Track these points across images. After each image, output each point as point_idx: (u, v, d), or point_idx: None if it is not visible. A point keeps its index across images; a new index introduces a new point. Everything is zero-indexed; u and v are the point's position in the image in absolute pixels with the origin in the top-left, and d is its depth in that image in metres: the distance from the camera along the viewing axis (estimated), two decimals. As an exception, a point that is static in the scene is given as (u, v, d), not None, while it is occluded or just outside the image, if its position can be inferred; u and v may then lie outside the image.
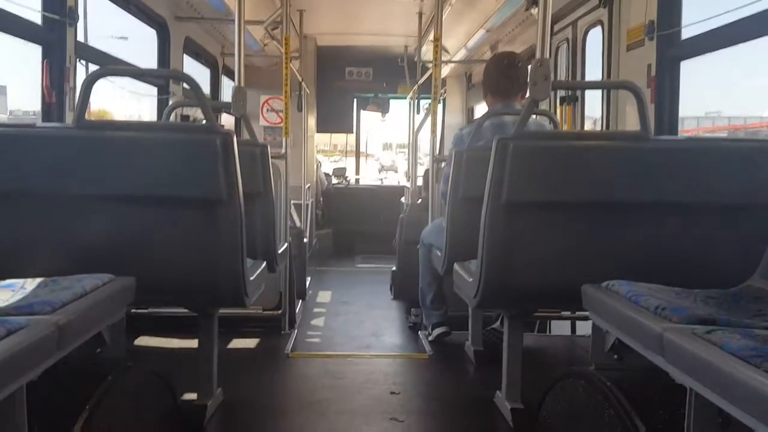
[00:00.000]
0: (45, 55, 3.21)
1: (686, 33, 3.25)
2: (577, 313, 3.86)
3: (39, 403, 1.49)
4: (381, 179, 12.53)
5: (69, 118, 3.22)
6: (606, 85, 3.91)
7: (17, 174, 2.17)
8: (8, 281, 1.87)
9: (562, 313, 3.95)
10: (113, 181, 2.21)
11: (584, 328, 4.04)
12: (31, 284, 1.84)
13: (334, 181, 10.07)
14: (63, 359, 1.53)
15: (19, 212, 2.23)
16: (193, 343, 2.63)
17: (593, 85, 4.25)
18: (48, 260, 2.17)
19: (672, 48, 3.28)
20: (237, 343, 3.72)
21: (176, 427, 2.29)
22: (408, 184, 7.57)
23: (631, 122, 3.67)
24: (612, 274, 1.99)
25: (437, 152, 4.34)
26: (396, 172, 18.09)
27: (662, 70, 3.31)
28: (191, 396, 2.60)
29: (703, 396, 1.35)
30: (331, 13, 7.38)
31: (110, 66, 4.00)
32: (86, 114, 2.23)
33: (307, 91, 7.90)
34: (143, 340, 3.63)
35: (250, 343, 3.75)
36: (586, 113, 4.58)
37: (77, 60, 3.38)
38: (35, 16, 3.15)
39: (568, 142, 2.38)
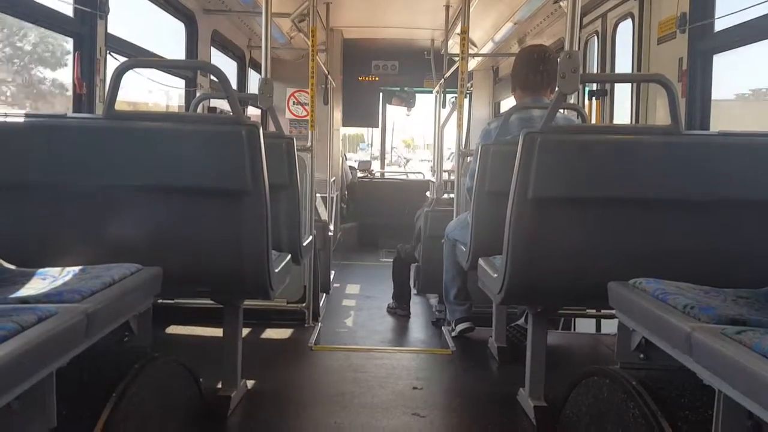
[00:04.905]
0: (76, 47, 3.26)
1: (719, 25, 3.18)
2: (602, 311, 3.81)
3: (67, 390, 1.51)
4: (406, 173, 12.51)
5: (99, 109, 3.27)
6: (636, 79, 3.84)
7: (48, 164, 2.21)
8: (39, 270, 1.91)
9: (587, 310, 3.91)
10: (141, 172, 2.24)
11: (609, 326, 4.00)
12: (61, 273, 1.88)
13: (359, 174, 10.08)
14: (91, 347, 1.56)
15: (49, 202, 2.27)
16: (219, 335, 2.66)
17: (623, 79, 4.18)
18: (77, 250, 2.21)
19: (704, 41, 3.21)
20: (261, 335, 3.75)
21: (201, 416, 2.32)
22: (433, 179, 7.54)
23: (661, 117, 3.60)
24: (639, 271, 1.96)
25: (463, 146, 4.32)
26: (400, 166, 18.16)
27: (694, 64, 3.24)
28: (216, 386, 2.63)
29: (732, 398, 1.32)
30: (358, 6, 7.37)
31: (139, 58, 4.05)
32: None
33: (333, 84, 7.91)
34: (169, 331, 3.68)
35: (275, 335, 3.78)
36: (615, 108, 4.52)
37: (107, 52, 3.42)
38: (67, 9, 3.20)
39: (597, 137, 2.35)
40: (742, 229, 2.24)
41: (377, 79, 9.53)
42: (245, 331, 3.06)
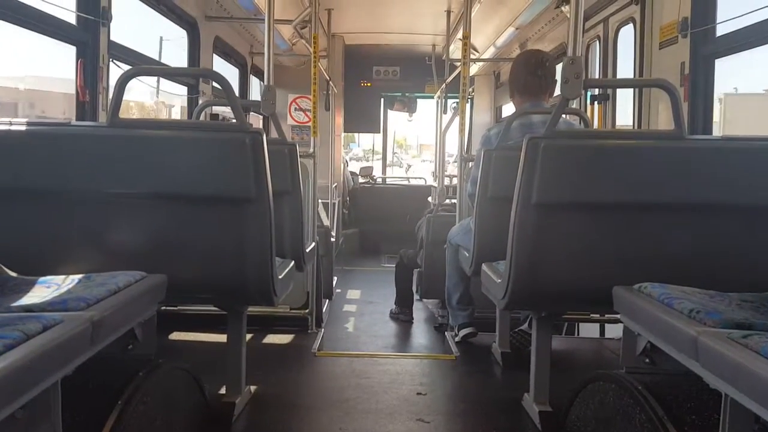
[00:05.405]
0: (79, 55, 3.26)
1: (721, 30, 3.18)
2: (606, 315, 3.81)
3: (72, 398, 1.51)
4: (408, 179, 12.55)
5: (102, 117, 3.28)
6: (639, 84, 3.85)
7: (52, 171, 2.22)
8: (43, 278, 1.91)
9: (591, 315, 3.90)
10: (145, 179, 2.24)
11: (613, 330, 3.99)
12: (65, 281, 1.88)
13: (361, 180, 10.09)
14: (96, 355, 1.56)
15: (53, 209, 2.27)
16: (222, 341, 2.66)
17: (625, 84, 4.19)
18: (81, 257, 2.21)
19: (706, 45, 3.21)
20: (265, 341, 3.75)
21: (205, 423, 2.32)
22: (435, 184, 7.55)
23: (663, 121, 3.60)
24: (644, 276, 1.96)
25: (465, 152, 4.32)
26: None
27: (696, 68, 3.24)
28: (220, 392, 2.62)
29: (739, 402, 1.32)
30: (360, 12, 7.39)
31: (143, 66, 4.06)
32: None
33: (335, 90, 7.93)
34: (174, 337, 3.68)
35: (278, 341, 3.78)
36: (617, 112, 4.52)
37: (110, 59, 3.43)
38: (69, 16, 3.21)
39: (601, 142, 2.35)
40: (746, 233, 2.24)
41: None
42: (249, 338, 3.05)
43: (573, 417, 2.17)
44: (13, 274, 1.97)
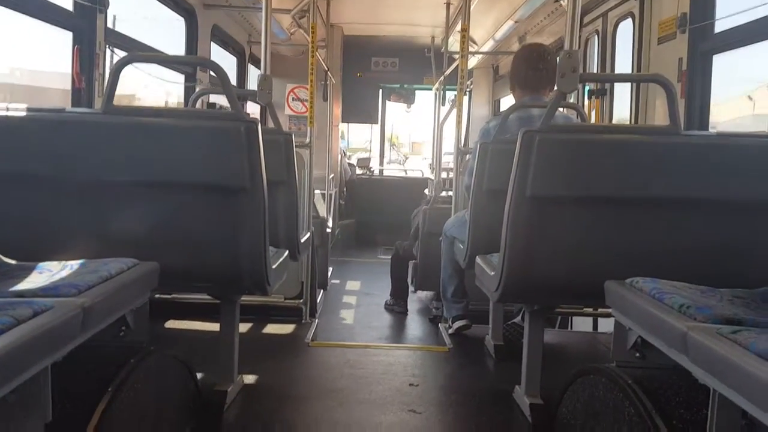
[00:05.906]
0: (75, 42, 3.25)
1: (720, 26, 3.18)
2: (599, 309, 3.82)
3: (62, 384, 1.51)
4: (405, 171, 12.56)
5: (98, 103, 3.26)
6: (636, 79, 3.84)
7: (46, 158, 2.21)
8: (37, 264, 1.91)
9: (584, 309, 3.91)
10: (139, 167, 2.23)
11: (606, 325, 4.00)
12: (57, 267, 1.88)
13: (358, 171, 10.08)
14: (87, 341, 1.56)
15: (46, 196, 2.26)
16: (216, 330, 2.66)
17: (622, 78, 4.18)
18: (74, 244, 2.21)
19: (704, 41, 3.21)
20: (258, 331, 3.75)
21: (197, 411, 2.32)
22: (432, 176, 7.55)
23: (660, 117, 3.60)
24: (636, 270, 1.96)
25: (462, 144, 4.32)
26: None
27: (694, 64, 3.25)
28: (212, 381, 2.63)
29: (727, 397, 1.33)
30: (359, 3, 7.37)
31: (139, 53, 4.04)
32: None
33: (333, 80, 7.90)
34: (166, 325, 3.68)
35: (271, 331, 3.78)
36: (614, 107, 4.52)
37: (106, 46, 3.42)
38: (66, 2, 3.20)
39: (596, 136, 2.35)
40: (739, 230, 2.24)
41: (377, 76, 9.52)
42: (242, 327, 3.06)
43: (563, 410, 2.18)
44: (11, 261, 1.97)
